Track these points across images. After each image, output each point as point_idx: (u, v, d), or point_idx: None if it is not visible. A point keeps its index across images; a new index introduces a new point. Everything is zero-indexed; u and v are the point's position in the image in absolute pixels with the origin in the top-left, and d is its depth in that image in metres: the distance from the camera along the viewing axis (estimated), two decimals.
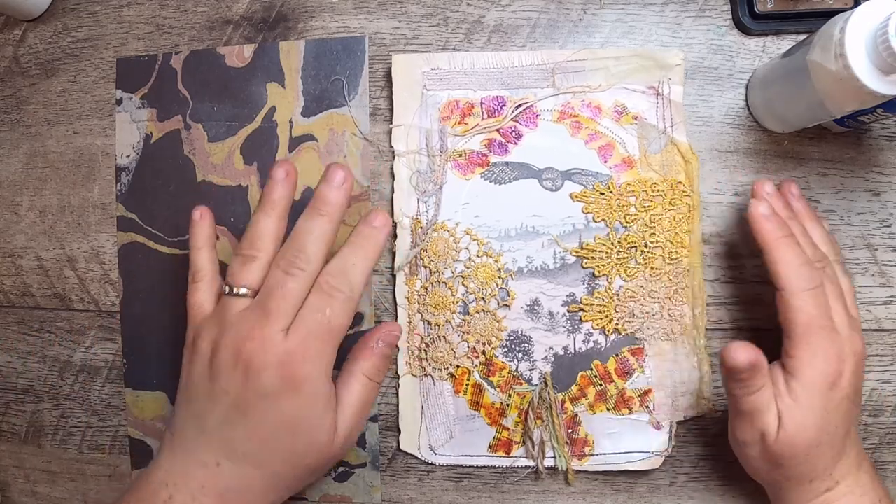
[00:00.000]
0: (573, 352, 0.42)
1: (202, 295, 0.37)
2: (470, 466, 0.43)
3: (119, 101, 0.46)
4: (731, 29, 0.43)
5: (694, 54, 0.43)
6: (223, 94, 0.45)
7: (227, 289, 0.35)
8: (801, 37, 0.43)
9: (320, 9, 0.45)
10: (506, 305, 0.42)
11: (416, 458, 0.43)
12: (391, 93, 0.43)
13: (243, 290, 0.34)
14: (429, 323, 0.43)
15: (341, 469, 0.44)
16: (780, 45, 0.43)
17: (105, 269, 0.46)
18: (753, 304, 0.42)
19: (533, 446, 0.42)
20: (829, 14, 0.36)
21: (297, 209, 0.43)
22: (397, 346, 0.40)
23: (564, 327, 0.42)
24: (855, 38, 0.31)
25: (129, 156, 0.46)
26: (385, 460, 0.44)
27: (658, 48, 0.43)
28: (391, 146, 0.43)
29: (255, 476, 0.34)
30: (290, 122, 0.44)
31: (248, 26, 0.46)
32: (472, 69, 0.43)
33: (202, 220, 0.38)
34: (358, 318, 0.43)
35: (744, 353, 0.33)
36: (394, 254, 0.43)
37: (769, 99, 0.41)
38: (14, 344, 0.48)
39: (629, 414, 0.42)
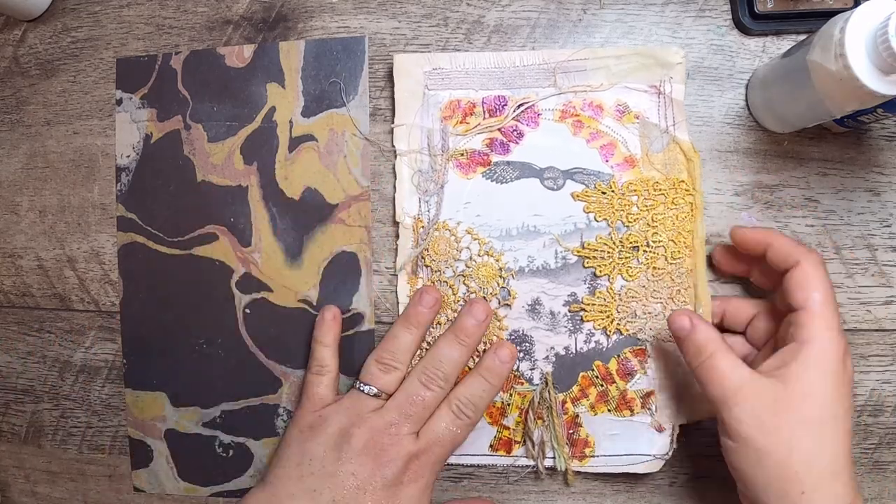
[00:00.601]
0: (574, 352, 0.42)
1: (325, 388, 0.41)
2: (470, 466, 0.43)
3: (119, 102, 0.46)
4: (731, 29, 0.43)
5: (694, 54, 0.43)
6: (223, 94, 0.45)
7: (363, 387, 0.40)
8: (801, 37, 0.43)
9: (320, 9, 0.45)
10: (507, 305, 0.42)
11: None
12: (392, 93, 0.43)
13: (377, 392, 0.39)
14: None
15: None
16: (780, 45, 0.43)
17: (105, 269, 0.46)
18: None
19: (533, 446, 0.42)
20: (829, 14, 0.36)
21: (298, 209, 0.44)
22: None
23: (566, 327, 0.42)
24: (855, 38, 0.31)
25: (129, 156, 0.46)
26: None
27: (659, 46, 0.43)
28: (393, 146, 0.43)
29: None
30: (290, 122, 0.44)
31: (248, 26, 0.46)
32: (473, 69, 0.43)
33: (334, 322, 0.42)
34: (358, 318, 0.43)
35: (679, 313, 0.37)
36: (396, 253, 0.43)
37: (769, 99, 0.41)
38: (14, 344, 0.48)
39: (631, 415, 0.42)
